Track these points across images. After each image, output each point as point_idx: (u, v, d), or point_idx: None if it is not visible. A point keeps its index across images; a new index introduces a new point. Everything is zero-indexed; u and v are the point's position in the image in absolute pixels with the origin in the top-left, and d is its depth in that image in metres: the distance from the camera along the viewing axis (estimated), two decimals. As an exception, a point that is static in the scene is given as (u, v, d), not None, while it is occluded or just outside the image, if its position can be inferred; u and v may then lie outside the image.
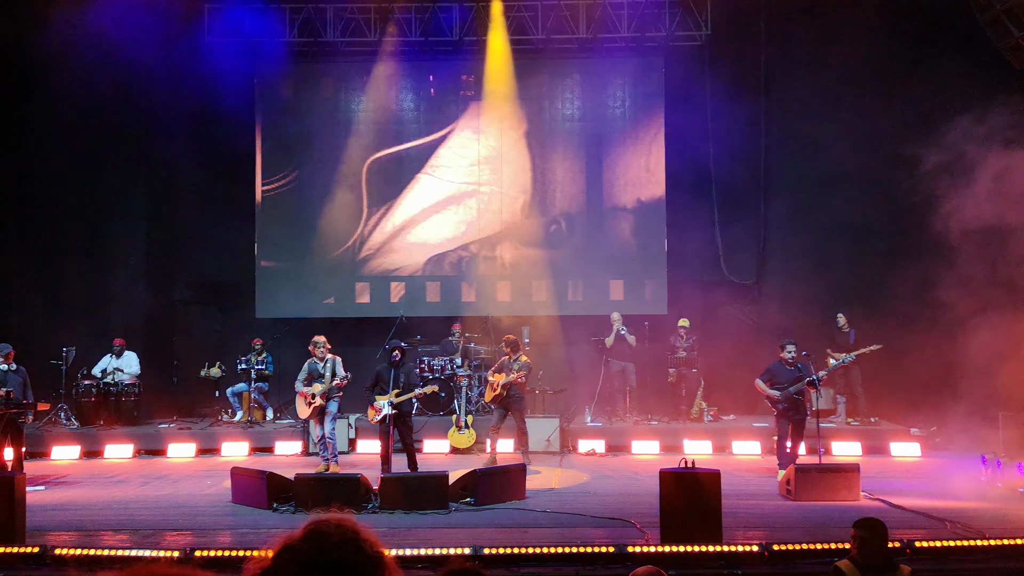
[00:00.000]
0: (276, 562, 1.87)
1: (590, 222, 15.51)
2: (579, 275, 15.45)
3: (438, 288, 15.59)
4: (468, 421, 12.59)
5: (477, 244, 15.56)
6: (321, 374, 11.09)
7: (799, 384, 10.43)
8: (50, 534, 7.98)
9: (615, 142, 15.53)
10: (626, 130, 15.55)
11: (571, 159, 15.59)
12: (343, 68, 15.68)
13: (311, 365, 11.23)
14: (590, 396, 14.09)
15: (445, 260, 15.59)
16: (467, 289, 15.50)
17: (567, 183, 15.59)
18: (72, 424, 13.58)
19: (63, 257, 14.68)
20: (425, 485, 9.10)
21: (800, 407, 10.57)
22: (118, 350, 13.86)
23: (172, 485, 10.75)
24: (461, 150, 15.62)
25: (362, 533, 1.90)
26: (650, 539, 7.54)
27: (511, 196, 15.58)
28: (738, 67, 14.98)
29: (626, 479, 10.90)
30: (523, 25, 14.95)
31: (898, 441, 12.64)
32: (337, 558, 1.85)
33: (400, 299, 15.47)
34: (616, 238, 15.47)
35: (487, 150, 15.58)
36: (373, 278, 15.64)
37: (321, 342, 11.28)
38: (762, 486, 10.25)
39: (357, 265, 15.67)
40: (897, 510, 8.81)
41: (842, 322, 13.45)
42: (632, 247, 15.42)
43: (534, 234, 15.49)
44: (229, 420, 14.09)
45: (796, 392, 10.46)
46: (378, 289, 15.62)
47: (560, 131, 15.65)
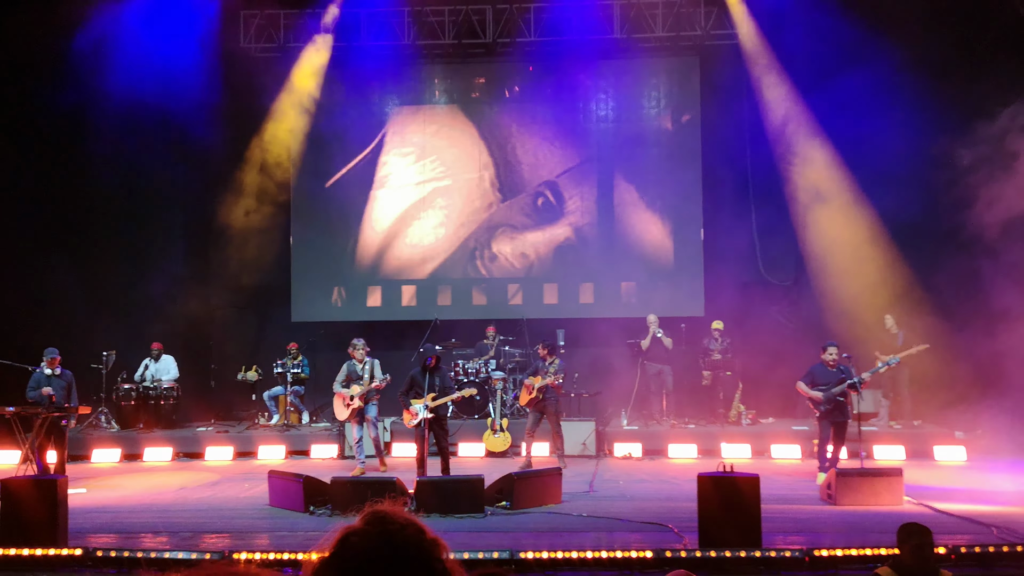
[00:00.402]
0: (340, 547, 1.86)
1: (626, 223, 15.42)
2: (614, 277, 15.37)
3: (474, 291, 15.60)
4: (503, 424, 12.55)
5: (512, 246, 15.53)
6: (360, 376, 11.18)
7: (841, 386, 10.26)
8: (91, 536, 8.07)
9: (650, 142, 15.43)
10: (661, 130, 15.45)
11: (605, 160, 15.51)
12: (377, 70, 15.73)
13: (350, 367, 11.31)
14: (626, 399, 13.98)
15: (481, 263, 15.58)
16: (503, 291, 15.50)
17: (602, 184, 15.51)
18: (112, 427, 13.76)
19: (103, 262, 14.88)
20: (461, 489, 9.07)
21: (843, 409, 10.39)
22: (156, 354, 14.04)
23: (210, 488, 10.84)
24: (494, 152, 15.61)
25: (420, 523, 1.92)
26: (688, 544, 7.44)
27: (545, 197, 15.52)
28: (775, 65, 14.78)
29: (663, 483, 10.79)
30: (557, 25, 14.91)
31: (942, 444, 12.37)
32: (402, 540, 1.85)
33: (436, 302, 15.48)
34: (652, 239, 15.36)
35: (522, 152, 15.54)
36: (408, 281, 15.68)
37: (360, 344, 11.36)
38: (802, 490, 10.08)
39: (391, 269, 15.72)
40: (941, 515, 8.61)
41: (890, 323, 13.21)
42: (668, 248, 15.31)
43: (567, 236, 15.44)
44: (265, 423, 14.19)
45: (839, 394, 10.29)
46: (414, 292, 15.66)
47: (594, 132, 15.59)
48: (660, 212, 15.37)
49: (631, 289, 15.33)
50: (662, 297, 15.11)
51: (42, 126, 14.22)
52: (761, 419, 13.77)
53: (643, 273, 15.32)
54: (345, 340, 15.28)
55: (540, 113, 15.55)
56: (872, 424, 13.02)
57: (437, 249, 15.68)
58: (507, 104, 15.60)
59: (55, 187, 14.63)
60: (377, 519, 1.88)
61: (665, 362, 13.77)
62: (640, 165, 15.43)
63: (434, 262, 15.67)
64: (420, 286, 15.68)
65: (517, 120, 15.60)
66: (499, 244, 15.57)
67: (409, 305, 15.63)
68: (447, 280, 15.64)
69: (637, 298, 15.20)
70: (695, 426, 13.54)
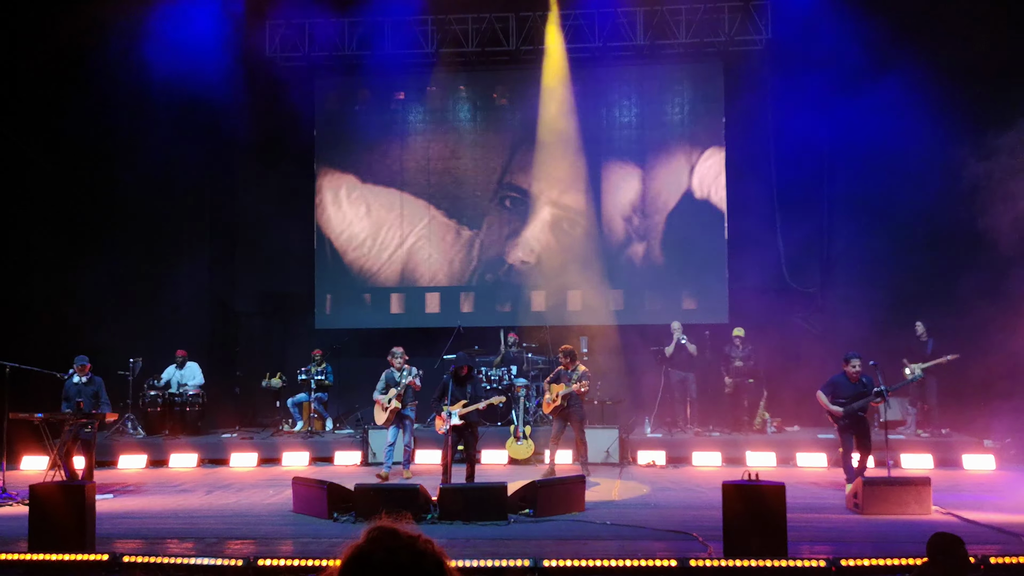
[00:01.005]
0: (345, 568, 1.92)
1: (648, 230, 15.40)
2: (637, 284, 15.34)
3: (497, 298, 15.61)
4: (526, 432, 12.53)
5: (534, 254, 15.54)
6: (398, 383, 11.40)
7: (863, 400, 10.15)
8: (118, 541, 8.13)
9: (674, 149, 15.40)
10: (685, 136, 15.41)
11: (629, 166, 15.50)
12: (401, 79, 15.83)
13: (388, 375, 11.56)
14: (650, 407, 13.93)
15: (504, 269, 15.61)
16: (526, 299, 15.50)
17: (625, 191, 15.50)
18: (138, 434, 13.90)
19: (130, 269, 15.04)
20: (484, 496, 9.06)
21: (862, 422, 10.29)
22: (180, 361, 14.16)
23: (235, 494, 10.90)
24: (520, 157, 15.64)
25: (422, 535, 1.96)
26: (713, 553, 7.38)
27: (569, 204, 15.54)
28: (800, 70, 14.69)
29: (687, 491, 10.73)
30: (580, 32, 14.94)
31: (971, 453, 12.20)
32: (403, 558, 1.90)
33: (459, 309, 15.52)
34: (676, 246, 15.31)
35: (545, 157, 15.55)
36: (431, 288, 15.73)
37: (399, 352, 11.62)
38: (828, 499, 9.98)
39: (415, 275, 15.78)
40: (970, 525, 8.49)
41: (920, 331, 13.07)
42: (692, 255, 15.25)
43: (592, 244, 15.42)
44: (290, 430, 14.26)
45: (859, 408, 10.17)
46: (436, 299, 15.70)
47: (618, 138, 15.58)
48: (683, 219, 15.31)
49: (654, 296, 15.28)
50: (686, 304, 15.06)
51: (71, 134, 14.40)
52: (786, 427, 13.66)
53: (666, 280, 15.27)
54: (368, 347, 15.44)
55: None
56: (899, 432, 12.88)
57: (459, 256, 15.72)
58: (529, 111, 15.61)
59: (83, 196, 14.81)
60: (377, 536, 1.93)
61: (689, 369, 13.71)
62: (663, 172, 15.39)
63: (456, 269, 15.71)
64: (443, 293, 15.72)
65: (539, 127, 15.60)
66: (522, 251, 15.57)
67: (432, 312, 15.68)
68: (468, 287, 15.67)
69: (660, 305, 15.15)
70: (719, 434, 13.45)
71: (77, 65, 13.97)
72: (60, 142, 14.48)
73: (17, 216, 14.54)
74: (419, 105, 15.92)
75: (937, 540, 4.91)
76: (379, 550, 1.90)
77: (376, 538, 1.93)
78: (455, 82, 15.83)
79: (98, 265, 14.13)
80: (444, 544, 6.37)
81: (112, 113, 14.35)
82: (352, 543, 1.94)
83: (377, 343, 15.44)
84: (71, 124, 14.17)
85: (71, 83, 14.15)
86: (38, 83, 14.08)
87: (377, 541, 1.92)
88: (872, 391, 10.13)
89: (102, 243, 14.78)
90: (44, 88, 14.15)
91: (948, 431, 12.95)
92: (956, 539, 4.89)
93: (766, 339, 13.91)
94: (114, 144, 14.74)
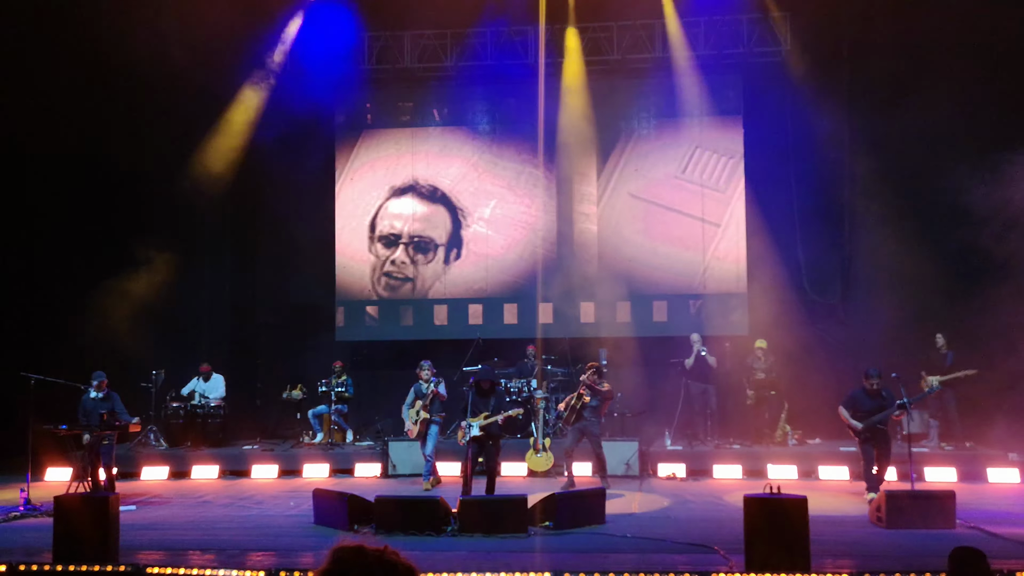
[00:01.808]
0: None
1: (668, 241, 15.36)
2: (656, 295, 15.30)
3: (515, 310, 15.62)
4: (546, 444, 12.50)
5: (550, 265, 15.54)
6: (424, 394, 11.55)
7: (882, 414, 10.23)
8: (141, 553, 8.18)
9: (693, 160, 15.38)
10: (704, 147, 15.39)
11: (647, 178, 15.49)
12: (420, 93, 15.93)
13: (417, 388, 11.75)
14: (670, 419, 13.86)
15: (521, 282, 15.62)
16: (543, 310, 15.49)
17: (644, 202, 15.48)
18: (161, 445, 14.00)
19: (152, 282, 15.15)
20: (504, 508, 9.05)
21: (882, 434, 10.34)
22: (205, 376, 14.28)
23: (256, 505, 10.95)
24: (536, 170, 15.68)
25: (387, 546, 2.01)
26: (734, 566, 7.34)
27: (587, 214, 15.55)
28: (820, 81, 14.65)
29: (708, 504, 10.67)
30: (599, 45, 15.01)
31: (996, 467, 12.07)
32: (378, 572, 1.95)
33: (477, 321, 15.54)
34: (695, 257, 15.28)
35: (563, 168, 15.59)
36: (450, 300, 15.78)
37: (427, 365, 11.80)
38: (851, 512, 9.91)
39: (435, 287, 15.84)
40: (995, 539, 8.40)
41: (940, 343, 12.99)
42: (712, 266, 15.21)
43: (609, 254, 15.42)
44: (310, 442, 14.31)
45: (879, 422, 10.23)
46: (455, 311, 15.75)
47: (636, 150, 15.57)
48: (702, 230, 15.28)
49: (673, 307, 15.25)
50: (706, 316, 15.01)
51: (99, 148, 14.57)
52: (808, 439, 13.56)
53: (687, 291, 15.23)
54: (388, 359, 15.50)
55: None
56: (923, 445, 12.76)
57: (474, 268, 15.76)
58: (547, 123, 15.62)
59: (109, 210, 14.98)
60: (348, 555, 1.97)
61: (709, 381, 13.66)
62: (681, 184, 15.38)
63: (472, 280, 15.75)
64: (458, 305, 15.75)
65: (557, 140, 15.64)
66: (536, 262, 15.56)
67: (451, 324, 15.70)
68: (486, 300, 15.70)
69: (680, 316, 15.11)
70: (740, 446, 13.38)
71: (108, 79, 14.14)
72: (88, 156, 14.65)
73: (43, 230, 14.73)
74: (438, 119, 15.99)
75: (959, 554, 4.86)
76: (352, 569, 1.91)
77: (344, 558, 1.95)
78: (474, 95, 15.89)
79: (121, 278, 14.27)
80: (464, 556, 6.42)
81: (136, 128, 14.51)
82: (319, 569, 1.96)
83: (396, 355, 15.54)
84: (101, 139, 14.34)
85: (104, 99, 14.32)
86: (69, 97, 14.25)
87: (345, 562, 1.94)
88: (892, 403, 10.15)
89: (125, 256, 14.91)
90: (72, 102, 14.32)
91: (972, 444, 12.82)
92: (978, 552, 4.84)
93: (786, 351, 13.83)
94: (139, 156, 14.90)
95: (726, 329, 14.80)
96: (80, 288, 14.29)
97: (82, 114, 14.11)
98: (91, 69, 13.94)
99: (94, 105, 14.27)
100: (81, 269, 14.58)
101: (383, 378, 15.64)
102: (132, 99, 14.38)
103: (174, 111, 14.53)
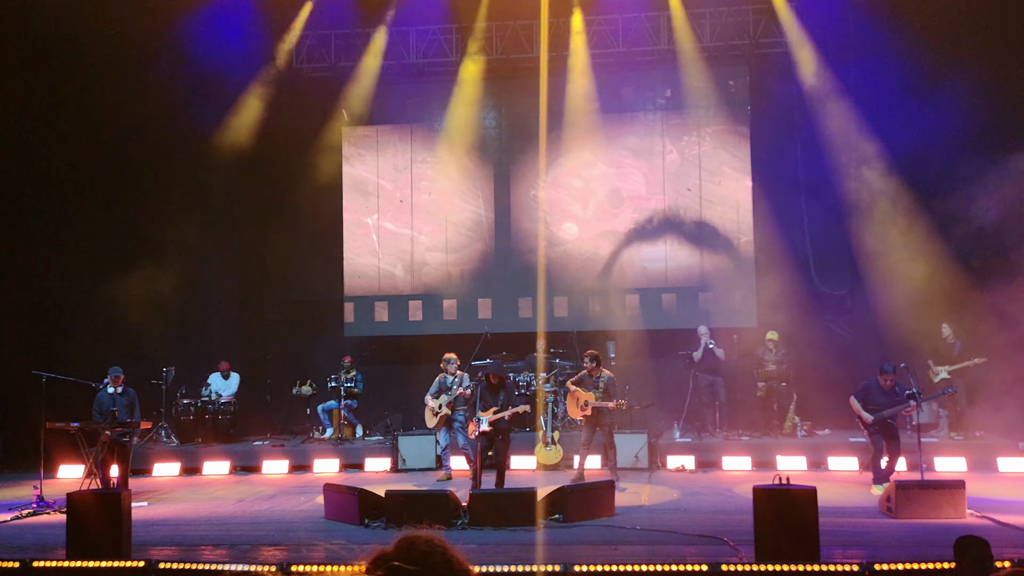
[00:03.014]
0: (371, 571, 1.95)
1: (675, 234, 15.34)
2: (665, 288, 15.29)
3: (524, 304, 15.63)
4: (555, 437, 12.54)
5: (560, 257, 15.55)
6: (450, 388, 11.76)
7: (894, 409, 10.26)
8: (153, 549, 8.25)
9: (699, 152, 15.36)
10: (711, 139, 15.37)
11: (655, 170, 15.48)
12: (426, 88, 15.92)
13: (442, 380, 11.97)
14: (678, 411, 13.88)
15: (529, 276, 15.62)
16: (552, 304, 15.50)
17: (651, 195, 15.47)
18: (172, 442, 14.08)
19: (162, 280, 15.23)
20: (513, 502, 9.08)
21: (891, 426, 10.38)
22: (225, 373, 14.39)
23: (267, 501, 11.00)
24: (541, 162, 15.67)
25: (451, 548, 2.00)
26: (744, 557, 7.35)
27: (594, 208, 15.55)
28: (826, 70, 14.61)
29: (717, 496, 10.68)
30: (604, 38, 14.99)
31: (1006, 456, 12.03)
32: (426, 565, 1.93)
33: (485, 315, 15.55)
34: (703, 249, 15.27)
35: (569, 162, 15.59)
36: (459, 295, 15.80)
37: (452, 359, 11.99)
38: (860, 503, 9.90)
39: (443, 282, 15.86)
40: (1006, 528, 8.40)
41: (947, 333, 12.96)
42: (720, 258, 15.20)
43: (617, 247, 15.41)
44: (320, 437, 14.37)
45: (889, 416, 10.28)
46: (465, 306, 15.77)
47: (643, 142, 15.56)
48: (710, 222, 15.27)
49: (681, 300, 15.24)
50: (714, 308, 15.00)
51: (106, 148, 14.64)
52: (817, 430, 13.56)
53: (694, 284, 15.23)
54: (396, 354, 15.56)
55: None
56: (932, 435, 12.73)
57: (480, 261, 15.78)
58: (552, 117, 15.60)
59: (119, 210, 15.05)
60: (405, 544, 1.98)
61: (717, 373, 13.66)
62: (688, 176, 15.35)
63: (480, 274, 15.77)
64: (467, 300, 15.77)
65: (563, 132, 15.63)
66: (548, 254, 15.57)
67: (459, 319, 15.71)
68: (494, 294, 15.72)
69: (687, 309, 15.11)
70: (749, 438, 13.38)
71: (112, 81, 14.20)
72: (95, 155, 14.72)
73: (54, 229, 14.81)
74: (443, 114, 15.98)
75: (963, 542, 4.88)
76: (402, 554, 1.95)
77: (403, 542, 1.99)
78: (479, 88, 15.86)
79: (131, 276, 14.34)
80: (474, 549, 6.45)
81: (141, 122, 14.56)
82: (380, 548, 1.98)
83: (406, 350, 15.59)
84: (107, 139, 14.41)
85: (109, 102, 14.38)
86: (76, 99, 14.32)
87: (403, 546, 1.98)
88: (904, 400, 10.16)
89: (137, 255, 14.99)
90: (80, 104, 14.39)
91: (982, 433, 12.79)
92: (982, 541, 4.85)
93: (795, 342, 13.84)
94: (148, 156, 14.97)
95: (734, 321, 14.79)
96: (90, 287, 14.37)
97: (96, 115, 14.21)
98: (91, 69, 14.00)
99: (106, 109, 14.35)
100: (91, 268, 14.65)
101: (393, 373, 15.70)
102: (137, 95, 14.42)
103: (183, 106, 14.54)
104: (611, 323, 15.04)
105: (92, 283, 14.32)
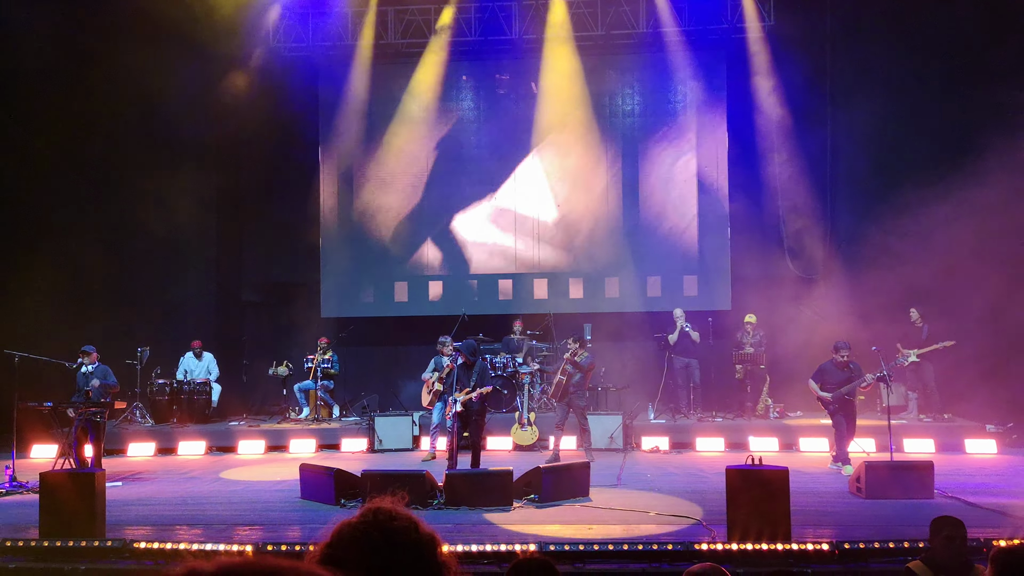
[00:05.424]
0: (335, 538, 1.94)
1: (652, 217, 15.41)
2: (641, 272, 15.35)
3: (502, 286, 15.66)
4: (531, 418, 12.61)
5: (537, 242, 15.58)
6: (444, 370, 11.91)
7: (849, 386, 10.52)
8: (128, 528, 8.23)
9: (677, 136, 15.41)
10: (688, 124, 15.41)
11: (633, 154, 15.51)
12: (405, 69, 15.82)
13: (437, 360, 12.37)
14: (653, 393, 14.00)
15: (507, 257, 15.65)
16: (530, 287, 15.55)
17: (628, 179, 15.51)
18: (147, 422, 14.01)
19: (137, 260, 15.13)
20: (489, 482, 9.14)
21: (850, 405, 10.66)
22: (197, 352, 14.31)
23: (243, 481, 10.99)
24: (522, 147, 15.66)
25: (415, 517, 1.98)
26: (716, 537, 7.46)
27: (570, 193, 15.56)
28: (804, 56, 14.68)
29: (691, 476, 10.80)
30: (582, 21, 14.96)
31: (973, 438, 12.26)
32: (392, 529, 1.92)
33: (464, 296, 15.55)
34: (679, 234, 15.34)
35: (548, 145, 15.58)
36: (438, 276, 15.79)
37: (448, 340, 12.32)
38: (831, 484, 10.06)
39: (422, 264, 15.84)
40: (973, 508, 8.57)
41: (915, 316, 13.15)
42: (695, 243, 15.29)
43: (594, 231, 15.45)
44: (296, 417, 14.35)
45: (847, 393, 10.53)
46: (444, 287, 15.76)
47: (621, 126, 15.58)
48: (686, 207, 15.34)
49: (657, 283, 15.32)
50: (689, 292, 15.10)
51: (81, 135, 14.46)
52: (789, 412, 13.73)
53: (669, 267, 15.31)
54: (373, 335, 15.53)
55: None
56: (901, 418, 12.94)
57: (463, 243, 15.77)
58: (531, 101, 15.59)
59: (92, 189, 14.88)
60: (370, 512, 1.95)
61: (692, 356, 13.77)
62: (665, 160, 15.40)
63: (460, 257, 15.76)
64: (447, 281, 15.77)
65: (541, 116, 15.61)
66: (523, 238, 15.61)
67: (440, 300, 15.72)
68: (474, 276, 15.73)
69: (664, 292, 15.20)
70: (722, 419, 13.53)
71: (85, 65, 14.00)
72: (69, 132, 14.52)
73: (27, 207, 14.61)
74: (421, 94, 15.89)
75: (939, 523, 4.98)
76: (367, 521, 1.92)
77: (367, 511, 1.96)
78: (457, 71, 15.79)
79: (106, 255, 14.21)
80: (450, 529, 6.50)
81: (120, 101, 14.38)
82: (345, 519, 1.96)
83: (383, 331, 15.57)
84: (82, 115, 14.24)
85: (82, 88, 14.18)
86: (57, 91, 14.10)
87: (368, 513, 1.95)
88: (860, 375, 10.52)
89: (110, 234, 14.85)
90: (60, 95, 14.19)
91: (950, 416, 13.00)
92: (957, 522, 4.95)
93: (769, 326, 13.98)
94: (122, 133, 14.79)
95: (709, 304, 14.90)
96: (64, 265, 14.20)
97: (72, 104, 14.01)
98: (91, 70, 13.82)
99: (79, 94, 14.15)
100: (65, 246, 14.47)
101: (369, 355, 15.69)
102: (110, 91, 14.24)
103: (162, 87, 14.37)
104: (586, 306, 15.11)
105: (64, 262, 14.15)
